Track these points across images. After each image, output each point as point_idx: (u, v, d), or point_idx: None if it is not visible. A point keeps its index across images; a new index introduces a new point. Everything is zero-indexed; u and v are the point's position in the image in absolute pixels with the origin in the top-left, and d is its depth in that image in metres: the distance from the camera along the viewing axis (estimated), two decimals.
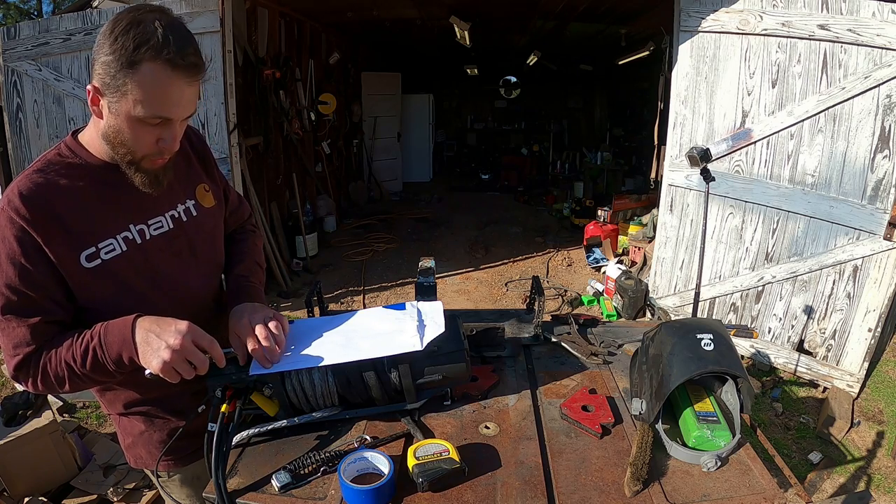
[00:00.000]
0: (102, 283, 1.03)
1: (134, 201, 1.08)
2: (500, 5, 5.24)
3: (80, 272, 1.01)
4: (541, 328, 1.50)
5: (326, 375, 1.09)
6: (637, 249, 5.14)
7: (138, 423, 1.24)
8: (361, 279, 5.24)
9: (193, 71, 0.95)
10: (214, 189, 1.26)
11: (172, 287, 1.14)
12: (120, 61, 0.90)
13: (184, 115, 1.00)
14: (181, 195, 1.18)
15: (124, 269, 1.06)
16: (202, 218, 1.21)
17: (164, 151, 1.02)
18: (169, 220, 1.14)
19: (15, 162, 3.48)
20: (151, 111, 0.94)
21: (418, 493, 0.94)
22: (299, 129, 5.91)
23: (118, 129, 0.97)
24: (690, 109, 3.49)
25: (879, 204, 2.88)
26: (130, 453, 1.29)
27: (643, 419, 1.09)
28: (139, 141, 0.99)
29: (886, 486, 2.52)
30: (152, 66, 0.90)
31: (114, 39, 0.90)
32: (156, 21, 0.91)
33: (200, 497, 1.29)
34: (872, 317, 3.01)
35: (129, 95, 0.92)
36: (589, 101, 11.29)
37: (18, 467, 2.28)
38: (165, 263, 1.13)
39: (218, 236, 1.29)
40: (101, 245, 1.03)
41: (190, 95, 0.98)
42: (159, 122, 0.97)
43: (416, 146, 10.00)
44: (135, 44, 0.89)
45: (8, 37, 3.34)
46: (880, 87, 2.77)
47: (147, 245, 1.10)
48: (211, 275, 1.26)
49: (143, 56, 0.90)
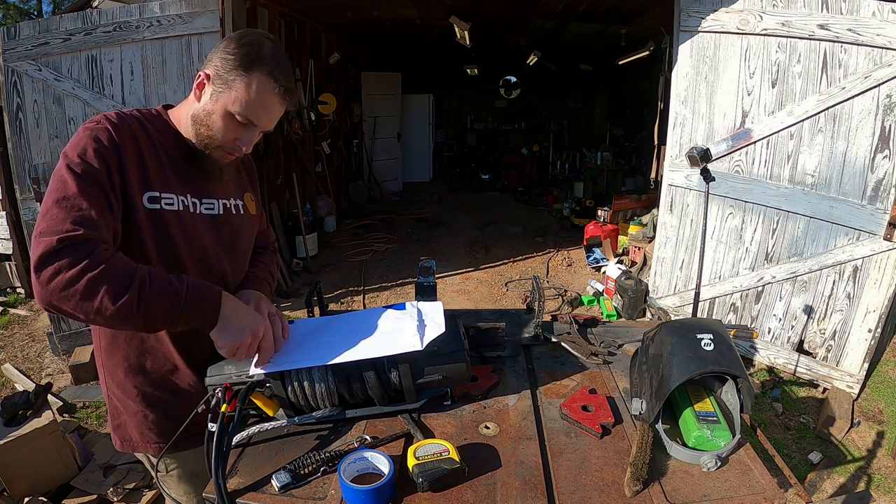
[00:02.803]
0: (152, 228, 1.09)
1: (198, 178, 1.18)
2: (500, 5, 5.24)
3: (138, 209, 1.07)
4: (541, 328, 1.50)
5: (326, 375, 1.09)
6: (637, 249, 5.14)
7: (130, 402, 1.23)
8: (361, 279, 5.24)
9: (288, 94, 1.11)
10: (257, 202, 1.39)
11: (204, 264, 1.19)
12: (238, 62, 1.05)
13: (266, 126, 1.13)
14: (235, 193, 1.29)
15: (174, 224, 1.12)
16: (245, 219, 1.32)
17: (235, 150, 1.14)
18: (221, 206, 1.24)
19: (15, 162, 3.48)
20: (245, 112, 1.08)
21: (418, 493, 0.94)
22: (299, 129, 5.91)
23: (210, 114, 1.09)
24: (690, 109, 3.49)
25: (879, 204, 2.88)
26: (118, 434, 1.29)
27: (643, 419, 1.09)
28: (222, 131, 1.10)
29: (886, 486, 2.52)
30: (262, 77, 1.06)
31: (240, 45, 1.06)
32: (274, 48, 1.09)
33: (199, 495, 1.30)
34: (872, 317, 3.01)
35: (234, 91, 1.06)
36: (589, 101, 11.29)
37: (18, 467, 2.28)
38: (207, 241, 1.20)
39: (252, 242, 1.38)
40: (164, 195, 1.10)
41: (279, 112, 1.13)
42: (245, 124, 1.10)
43: (416, 146, 10.00)
44: (255, 55, 1.06)
45: (8, 37, 3.33)
46: (880, 86, 2.77)
47: (197, 217, 1.18)
48: (240, 270, 1.31)
49: (258, 67, 1.06)
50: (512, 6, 5.25)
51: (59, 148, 3.44)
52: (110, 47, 3.41)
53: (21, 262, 4.48)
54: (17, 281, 4.65)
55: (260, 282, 1.31)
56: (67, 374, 3.45)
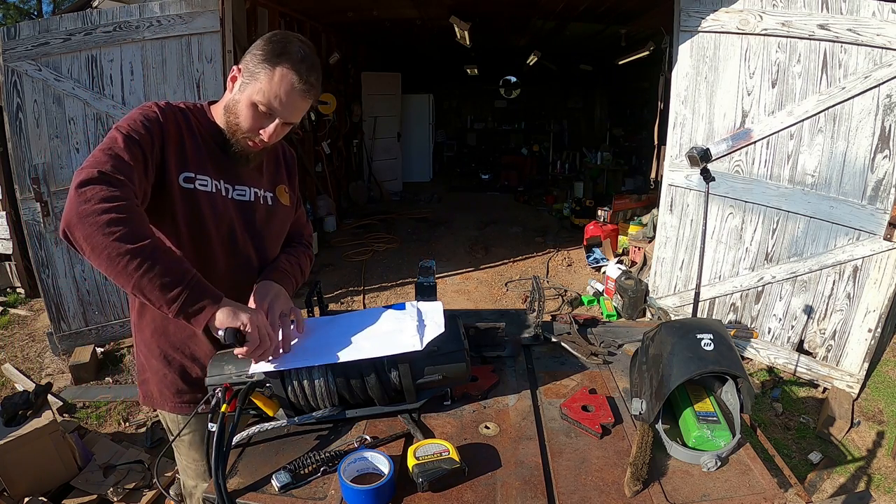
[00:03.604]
0: (184, 205, 1.19)
1: (231, 166, 1.28)
2: (500, 5, 5.24)
3: (173, 185, 1.17)
4: (541, 328, 1.50)
5: (326, 375, 1.09)
6: (637, 249, 5.14)
7: (154, 360, 1.34)
8: (361, 279, 5.24)
9: (309, 88, 1.17)
10: (291, 195, 1.46)
11: (232, 246, 1.28)
12: (264, 56, 1.14)
13: (287, 117, 1.19)
14: (267, 185, 1.38)
15: (205, 203, 1.22)
16: (276, 209, 1.39)
17: (258, 138, 1.21)
18: (252, 194, 1.32)
19: (15, 162, 3.47)
20: (266, 101, 1.15)
21: (418, 493, 0.94)
22: (299, 129, 5.91)
23: (237, 103, 1.19)
24: (690, 109, 3.49)
25: (879, 204, 2.88)
26: (142, 389, 1.41)
27: (643, 419, 1.09)
28: (247, 120, 1.19)
29: (886, 486, 2.52)
30: (285, 71, 1.14)
31: (268, 42, 1.16)
32: (301, 47, 1.17)
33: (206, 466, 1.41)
34: (872, 317, 3.01)
35: (258, 83, 1.15)
36: (589, 101, 11.28)
37: (18, 467, 2.28)
38: (236, 224, 1.29)
39: (283, 232, 1.45)
40: (199, 176, 1.21)
41: (299, 105, 1.19)
42: (267, 114, 1.17)
43: (416, 146, 9.99)
44: (281, 50, 1.14)
45: (8, 37, 3.33)
46: (880, 86, 2.77)
47: (228, 202, 1.27)
48: (266, 258, 1.37)
49: (282, 61, 1.13)
50: (512, 6, 5.25)
51: (59, 148, 3.44)
52: (110, 47, 3.40)
53: (21, 261, 4.48)
54: (17, 281, 4.64)
55: (284, 275, 1.33)
56: (67, 374, 3.45)
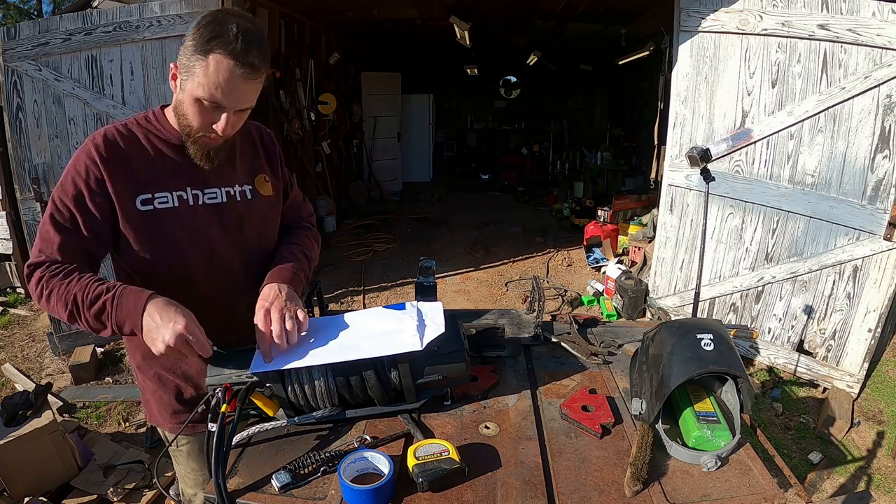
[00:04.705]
0: (150, 228, 1.16)
1: (196, 170, 1.21)
2: (500, 5, 5.23)
3: (133, 212, 1.15)
4: (541, 328, 1.50)
5: (326, 375, 1.09)
6: (637, 249, 5.14)
7: (150, 382, 1.34)
8: (361, 279, 5.24)
9: (251, 70, 1.06)
10: (274, 182, 1.37)
11: (210, 254, 1.23)
12: (195, 47, 1.04)
13: (236, 106, 1.11)
14: (241, 178, 1.30)
15: (171, 221, 1.18)
16: (256, 203, 1.31)
17: (213, 133, 1.14)
18: (224, 194, 1.25)
19: (15, 162, 3.48)
20: (208, 94, 1.07)
21: (418, 493, 0.94)
22: (299, 129, 5.91)
23: (181, 102, 1.12)
24: (690, 109, 3.49)
25: (879, 204, 2.88)
26: (146, 409, 1.42)
27: (643, 419, 1.09)
28: (196, 118, 1.12)
29: (886, 486, 2.52)
30: (218, 58, 1.04)
31: (196, 29, 1.05)
32: (234, 23, 1.05)
33: (205, 475, 1.42)
34: (872, 317, 3.01)
35: (196, 77, 1.06)
36: (589, 101, 11.28)
37: (18, 467, 2.28)
38: (211, 231, 1.23)
39: (270, 223, 1.37)
40: (156, 195, 1.16)
41: (245, 90, 1.10)
42: (214, 107, 1.09)
43: (416, 146, 9.99)
44: (210, 35, 1.03)
45: (8, 37, 3.33)
46: (880, 86, 2.77)
47: (198, 209, 1.21)
48: (255, 256, 1.32)
49: (214, 47, 1.03)
50: (512, 6, 5.25)
51: (59, 148, 3.44)
52: (110, 47, 3.40)
53: (21, 262, 4.48)
54: (17, 281, 4.65)
55: (284, 271, 1.25)
56: (67, 374, 3.45)
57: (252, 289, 1.28)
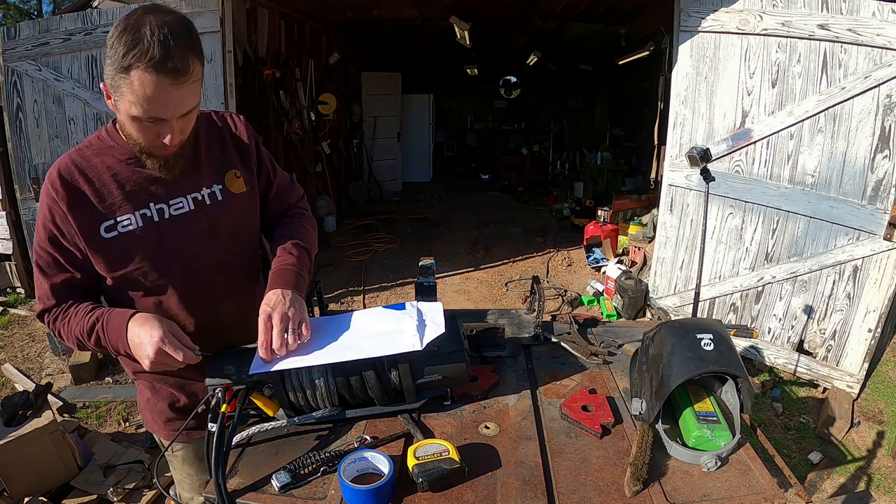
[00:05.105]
0: (119, 253, 1.15)
1: (157, 182, 1.17)
2: (500, 5, 5.24)
3: (99, 241, 1.13)
4: (541, 328, 1.50)
5: (326, 375, 1.09)
6: (637, 249, 5.14)
7: (145, 390, 1.36)
8: (361, 279, 5.24)
9: (175, 75, 0.98)
10: (247, 175, 1.29)
11: (186, 265, 1.21)
12: (115, 66, 0.97)
13: (177, 113, 1.04)
14: (208, 179, 1.23)
15: (139, 243, 1.15)
16: (228, 202, 1.25)
17: (163, 146, 1.09)
18: (190, 201, 1.20)
19: (15, 162, 3.48)
20: (143, 112, 1.01)
21: (418, 493, 0.94)
22: (299, 129, 5.91)
23: (123, 123, 1.09)
24: (690, 109, 3.49)
25: (879, 204, 2.88)
26: (143, 416, 1.43)
27: (643, 419, 1.09)
28: (140, 135, 1.07)
29: (886, 486, 2.52)
30: (139, 72, 0.96)
31: (111, 44, 0.97)
32: (148, 26, 0.96)
33: (200, 478, 1.42)
34: (872, 317, 3.01)
35: (126, 97, 0.99)
36: (589, 101, 11.28)
37: (18, 467, 2.28)
38: (182, 243, 1.20)
39: (246, 220, 1.31)
40: (119, 219, 1.14)
41: (179, 96, 1.02)
42: (155, 121, 1.03)
43: (416, 146, 9.99)
44: (125, 49, 0.95)
45: (8, 37, 3.33)
46: (880, 86, 2.77)
47: (165, 223, 1.18)
48: (237, 256, 1.30)
49: (131, 62, 0.95)
50: (512, 6, 5.25)
51: (59, 148, 3.44)
52: None
53: (21, 262, 4.48)
54: (17, 281, 4.64)
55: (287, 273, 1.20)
56: (67, 374, 3.45)
57: (237, 288, 1.29)
